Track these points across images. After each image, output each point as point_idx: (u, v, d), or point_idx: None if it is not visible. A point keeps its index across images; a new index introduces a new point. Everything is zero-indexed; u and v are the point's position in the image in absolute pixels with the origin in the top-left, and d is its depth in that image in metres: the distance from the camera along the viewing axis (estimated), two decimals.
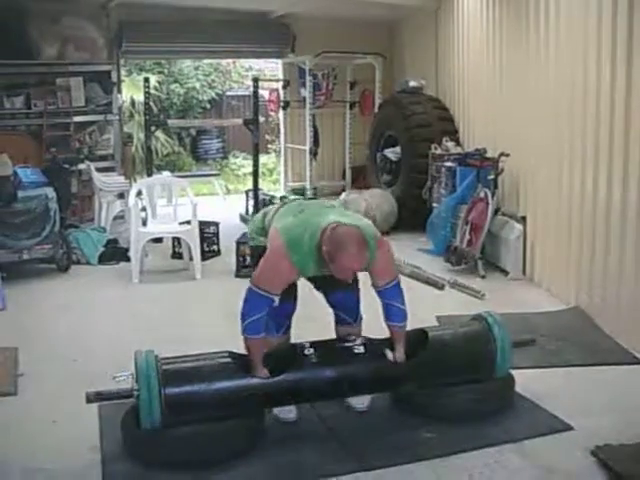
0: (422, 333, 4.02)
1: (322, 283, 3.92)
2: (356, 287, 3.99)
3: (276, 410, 3.91)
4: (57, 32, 9.36)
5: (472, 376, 4.01)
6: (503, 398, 4.02)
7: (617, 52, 5.04)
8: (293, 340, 4.06)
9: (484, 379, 4.00)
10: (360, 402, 3.99)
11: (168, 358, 3.75)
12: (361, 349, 3.81)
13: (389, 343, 3.86)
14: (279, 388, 3.68)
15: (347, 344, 3.87)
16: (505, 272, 6.82)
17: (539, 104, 6.40)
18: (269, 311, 3.67)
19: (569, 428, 3.77)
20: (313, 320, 4.59)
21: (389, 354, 3.80)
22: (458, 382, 3.95)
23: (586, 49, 5.49)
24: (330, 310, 4.09)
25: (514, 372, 4.14)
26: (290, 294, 3.85)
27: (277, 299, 3.60)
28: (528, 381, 4.23)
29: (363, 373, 3.81)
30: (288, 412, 3.91)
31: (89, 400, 3.65)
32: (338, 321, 4.07)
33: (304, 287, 3.98)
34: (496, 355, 3.97)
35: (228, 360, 3.75)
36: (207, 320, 5.72)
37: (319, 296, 4.06)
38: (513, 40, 6.99)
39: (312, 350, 3.76)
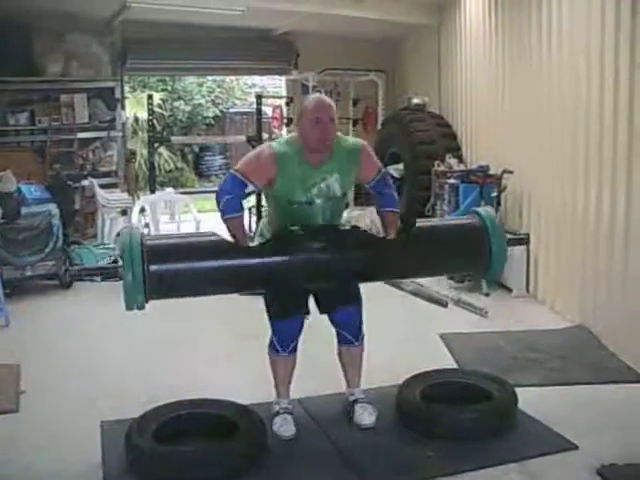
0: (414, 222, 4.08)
1: (325, 298, 3.91)
2: (359, 304, 3.98)
3: (275, 427, 3.89)
4: (61, 49, 9.38)
5: (465, 265, 4.17)
6: (507, 416, 4.00)
7: (620, 68, 5.05)
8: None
9: (478, 272, 4.16)
10: (367, 419, 3.96)
11: (153, 236, 3.73)
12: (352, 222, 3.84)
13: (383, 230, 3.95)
14: (267, 268, 3.70)
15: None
16: (509, 289, 6.80)
17: (542, 121, 6.41)
18: (277, 326, 3.82)
19: (574, 447, 3.73)
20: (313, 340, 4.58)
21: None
22: (452, 271, 4.02)
23: (589, 65, 5.50)
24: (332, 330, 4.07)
25: (518, 390, 4.13)
26: (299, 306, 3.86)
27: (252, 188, 3.71)
28: (532, 399, 4.21)
29: (356, 258, 3.82)
30: (286, 430, 3.88)
31: (71, 275, 3.67)
32: (340, 340, 4.05)
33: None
34: (491, 247, 4.00)
35: (214, 239, 3.75)
36: (211, 336, 5.72)
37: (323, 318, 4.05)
38: (516, 57, 7.01)
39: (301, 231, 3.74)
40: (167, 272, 3.61)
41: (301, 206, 3.75)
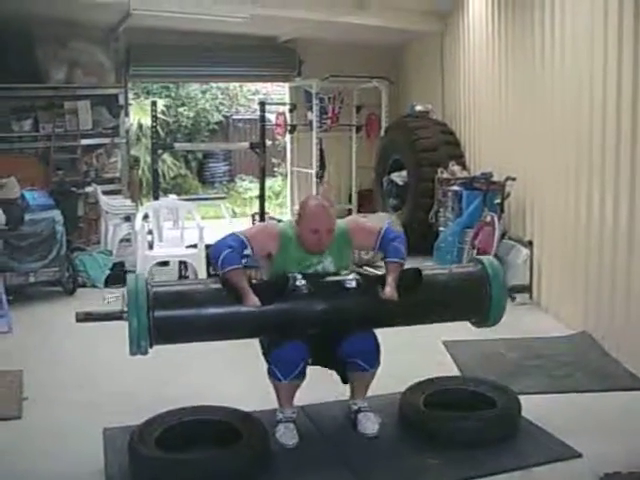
0: (416, 272, 4.02)
1: (335, 324, 3.86)
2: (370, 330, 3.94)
3: (277, 434, 3.88)
4: (65, 56, 9.41)
5: (465, 316, 4.14)
6: (510, 424, 3.98)
7: (622, 75, 5.05)
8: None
9: (477, 321, 4.14)
10: (370, 428, 3.95)
11: (159, 282, 3.75)
12: (353, 284, 3.79)
13: (382, 279, 3.89)
14: (268, 317, 3.70)
15: (339, 278, 3.85)
16: (512, 296, 6.78)
17: (545, 128, 6.41)
18: (274, 357, 3.79)
19: (578, 455, 3.72)
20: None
21: (382, 292, 3.81)
22: (450, 320, 4.12)
23: (592, 72, 5.50)
24: None
25: (521, 397, 4.12)
26: (299, 332, 3.80)
27: (249, 252, 3.78)
28: (536, 407, 4.19)
29: (354, 308, 3.82)
30: (288, 438, 3.86)
31: (78, 319, 3.67)
32: (352, 369, 3.95)
33: None
34: (491, 296, 3.99)
35: (219, 287, 3.77)
36: (214, 344, 5.68)
37: None
38: (519, 64, 7.02)
39: (303, 282, 3.72)
40: (172, 318, 3.65)
41: None
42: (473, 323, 4.23)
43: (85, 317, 3.67)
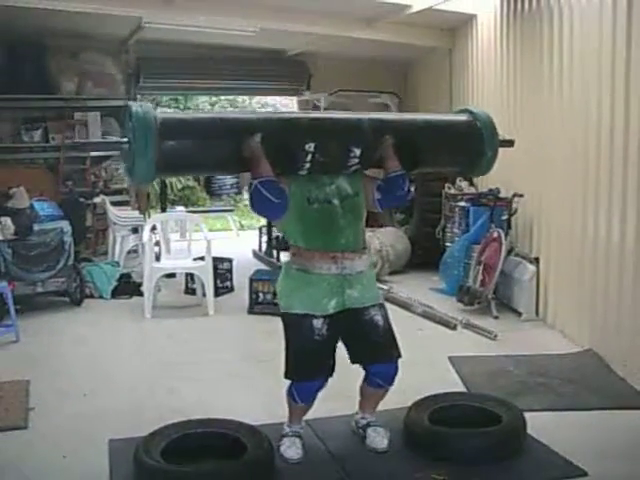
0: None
1: (359, 349, 3.85)
2: (397, 355, 3.89)
3: (282, 448, 3.87)
4: (76, 67, 9.48)
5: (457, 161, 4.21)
6: (515, 441, 3.98)
7: (631, 93, 5.06)
8: None
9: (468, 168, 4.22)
10: (380, 443, 3.93)
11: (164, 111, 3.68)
12: (357, 152, 3.72)
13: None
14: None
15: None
16: (518, 313, 6.79)
17: (553, 145, 6.43)
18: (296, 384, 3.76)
19: (583, 473, 3.70)
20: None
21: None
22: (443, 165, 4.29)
23: (600, 89, 5.51)
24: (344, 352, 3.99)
25: (527, 414, 4.11)
26: (322, 367, 3.77)
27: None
28: (541, 424, 4.18)
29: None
30: (293, 453, 3.85)
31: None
32: (369, 382, 3.95)
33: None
34: (482, 140, 4.02)
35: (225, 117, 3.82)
36: (220, 356, 5.72)
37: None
38: (527, 81, 7.03)
39: (312, 145, 3.61)
40: (178, 146, 3.51)
41: (321, 206, 3.70)
42: (463, 173, 4.23)
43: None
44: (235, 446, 3.70)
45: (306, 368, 3.75)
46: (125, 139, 3.49)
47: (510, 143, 4.38)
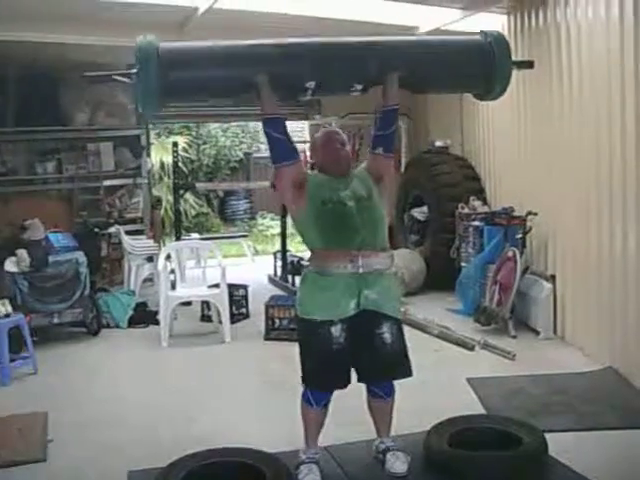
0: None
1: (365, 367, 3.83)
2: (400, 375, 3.89)
3: (300, 476, 3.80)
4: (88, 99, 9.55)
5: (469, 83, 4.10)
6: (537, 463, 3.93)
7: None
8: None
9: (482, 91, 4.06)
10: (400, 467, 3.87)
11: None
12: (359, 87, 3.80)
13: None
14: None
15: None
16: (536, 332, 6.75)
17: (565, 163, 6.41)
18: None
19: None
20: None
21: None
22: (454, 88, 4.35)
23: (610, 108, 5.51)
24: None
25: (548, 435, 4.07)
26: (339, 380, 3.77)
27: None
28: (563, 445, 4.13)
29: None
30: (312, 479, 3.78)
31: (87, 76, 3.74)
32: (370, 392, 3.97)
33: None
34: (495, 62, 3.88)
35: (231, 45, 3.79)
36: (237, 383, 5.71)
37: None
38: (537, 99, 7.03)
39: (313, 84, 3.72)
40: (182, 76, 3.61)
41: (335, 206, 3.71)
42: (477, 95, 4.17)
43: (96, 76, 3.76)
44: (254, 475, 3.67)
45: (324, 378, 3.76)
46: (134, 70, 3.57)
47: (530, 64, 4.42)
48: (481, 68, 3.91)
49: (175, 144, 9.12)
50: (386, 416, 4.02)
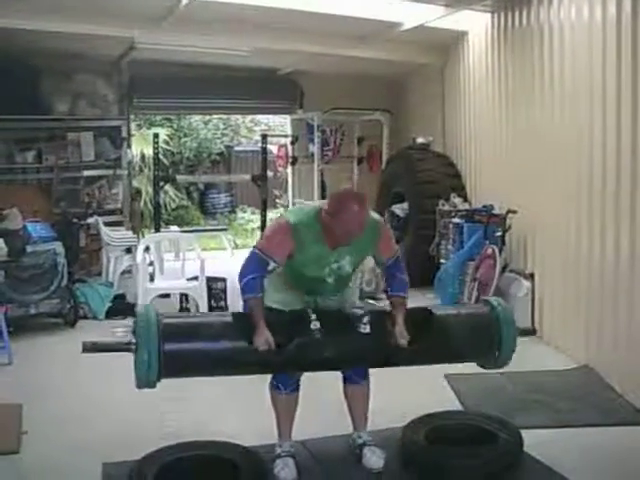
0: (426, 311, 4.01)
1: (343, 366, 3.92)
2: None
3: (275, 470, 3.82)
4: (69, 88, 9.47)
5: (473, 358, 4.10)
6: (512, 459, 3.94)
7: (621, 110, 5.10)
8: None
9: (485, 362, 4.11)
10: (376, 463, 3.91)
11: (170, 314, 3.70)
12: (367, 329, 3.73)
13: (391, 317, 3.83)
14: (278, 357, 3.64)
15: (353, 312, 3.82)
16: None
17: (546, 161, 6.43)
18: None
19: None
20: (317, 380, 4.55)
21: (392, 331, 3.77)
22: (458, 361, 4.16)
23: (592, 106, 5.54)
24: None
25: (523, 432, 4.08)
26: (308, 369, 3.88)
27: (274, 265, 3.72)
28: (538, 442, 4.15)
29: (364, 354, 3.81)
30: (286, 474, 3.80)
31: (85, 349, 3.60)
32: (345, 379, 4.03)
33: None
34: (500, 337, 3.93)
35: (230, 320, 3.78)
36: (212, 378, 5.67)
37: None
38: (520, 97, 7.05)
39: (318, 325, 3.66)
40: (183, 352, 3.60)
41: (314, 279, 3.79)
42: (480, 364, 4.18)
43: (92, 347, 3.63)
44: (229, 469, 3.66)
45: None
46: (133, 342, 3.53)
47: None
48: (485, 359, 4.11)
49: (156, 136, 9.06)
50: (362, 404, 4.05)
